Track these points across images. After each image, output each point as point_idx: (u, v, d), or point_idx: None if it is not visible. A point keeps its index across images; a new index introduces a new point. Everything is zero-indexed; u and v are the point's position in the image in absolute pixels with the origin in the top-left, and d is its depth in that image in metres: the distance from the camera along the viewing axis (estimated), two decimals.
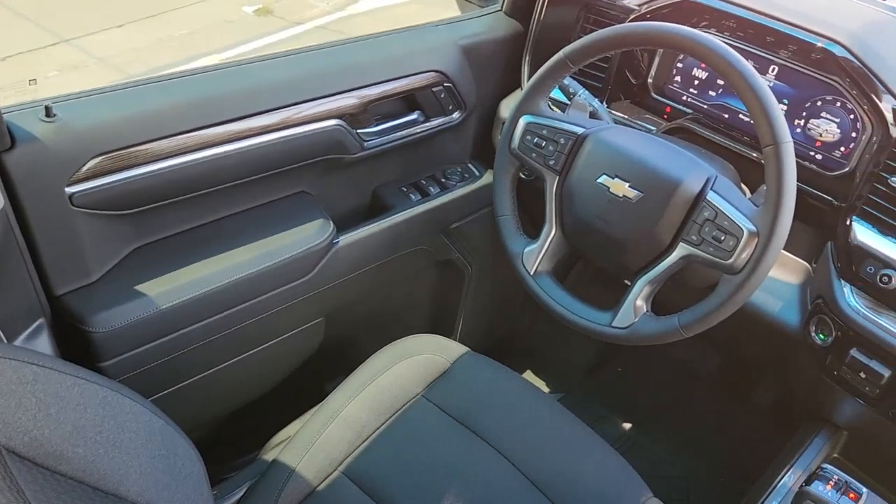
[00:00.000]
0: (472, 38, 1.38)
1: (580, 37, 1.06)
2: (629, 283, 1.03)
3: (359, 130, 1.26)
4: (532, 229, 1.13)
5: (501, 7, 1.45)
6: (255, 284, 1.16)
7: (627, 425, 1.78)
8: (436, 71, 1.31)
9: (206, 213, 1.17)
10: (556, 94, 1.28)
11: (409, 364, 1.23)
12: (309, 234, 1.21)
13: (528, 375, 1.88)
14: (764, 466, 1.23)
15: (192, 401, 1.21)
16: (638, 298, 1.00)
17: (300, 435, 1.12)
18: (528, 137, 1.09)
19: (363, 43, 1.29)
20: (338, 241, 1.26)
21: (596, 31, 1.04)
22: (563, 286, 1.09)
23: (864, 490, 0.86)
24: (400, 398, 1.17)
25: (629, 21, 1.25)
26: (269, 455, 1.13)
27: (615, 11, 1.29)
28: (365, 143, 1.27)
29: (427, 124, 1.36)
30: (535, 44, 1.39)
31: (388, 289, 1.48)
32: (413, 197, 1.39)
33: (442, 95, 1.34)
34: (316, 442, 1.10)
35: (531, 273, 1.10)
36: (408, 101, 1.33)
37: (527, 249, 1.11)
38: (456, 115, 1.39)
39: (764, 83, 0.90)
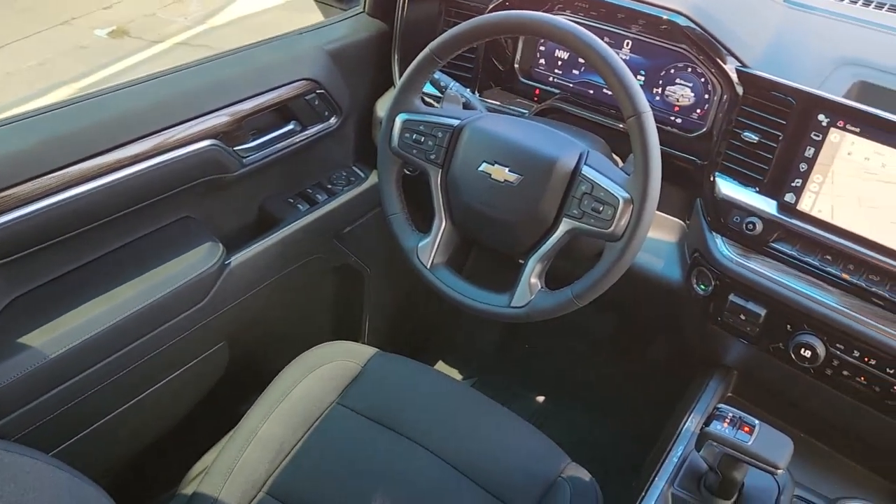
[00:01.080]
0: (338, 42, 1.38)
1: (444, 31, 1.08)
2: (523, 263, 1.06)
3: (236, 147, 1.23)
4: (424, 224, 1.15)
5: (363, 8, 1.45)
6: (148, 318, 1.12)
7: (541, 398, 1.85)
8: (306, 79, 1.31)
9: (86, 251, 1.12)
10: (429, 88, 1.30)
11: (320, 373, 1.22)
12: (198, 260, 1.19)
13: (441, 366, 1.91)
14: (670, 415, 1.31)
15: (100, 446, 1.16)
16: (532, 276, 1.04)
17: (218, 462, 1.10)
18: (407, 135, 1.10)
19: (229, 58, 1.26)
20: (229, 262, 1.23)
21: (458, 23, 1.07)
22: (460, 275, 1.12)
23: (757, 422, 0.93)
24: (315, 409, 1.17)
25: (489, 10, 1.29)
26: (188, 488, 1.10)
27: (475, 2, 1.33)
28: (244, 160, 1.25)
29: (305, 133, 1.35)
30: (402, 41, 1.41)
31: (288, 302, 1.46)
32: (301, 207, 1.39)
33: (316, 103, 1.34)
34: (235, 467, 1.08)
35: (427, 266, 1.11)
36: (282, 112, 1.32)
37: (420, 244, 1.12)
38: (333, 120, 1.39)
39: (618, 59, 0.95)
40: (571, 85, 1.34)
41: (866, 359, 1.01)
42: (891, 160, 0.97)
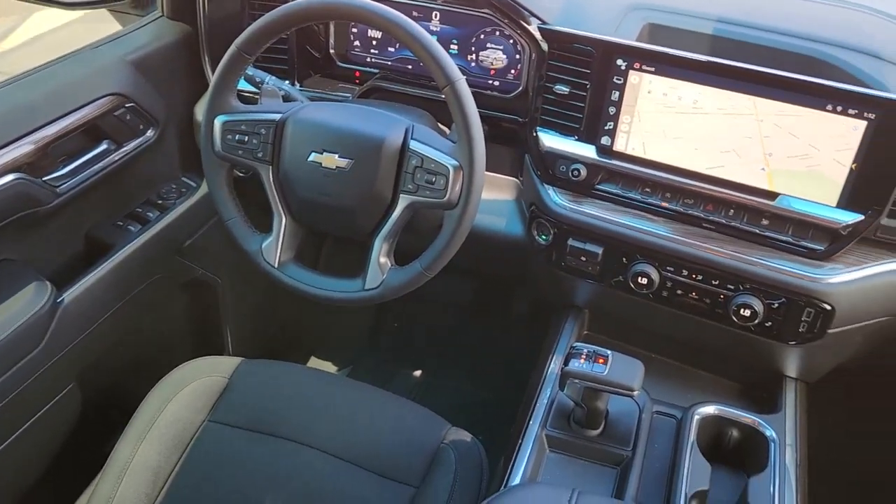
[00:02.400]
0: (141, 51, 1.31)
1: (250, 25, 1.06)
2: (369, 245, 1.07)
3: (45, 177, 1.14)
4: (267, 222, 1.13)
5: (162, 11, 1.38)
6: None
7: (418, 373, 1.88)
8: (112, 94, 1.23)
9: None
10: (246, 85, 1.28)
11: (185, 394, 1.18)
12: (24, 303, 1.10)
13: (314, 362, 1.89)
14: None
15: None
16: (380, 256, 1.05)
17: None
18: (229, 137, 1.08)
19: (22, 81, 1.17)
20: (62, 300, 1.15)
21: (263, 15, 1.05)
22: (310, 268, 1.11)
23: (609, 352, 1.00)
24: (187, 431, 1.13)
25: None
26: None
27: None
28: (58, 189, 1.16)
29: (121, 151, 1.27)
30: (209, 41, 1.36)
31: (139, 327, 1.40)
32: (132, 228, 1.31)
33: (127, 117, 1.26)
34: None
35: (275, 265, 1.10)
36: (92, 132, 1.23)
37: (264, 245, 1.10)
38: (150, 132, 1.32)
39: (423, 32, 0.97)
40: (389, 63, 1.35)
41: (694, 276, 1.11)
42: (685, 93, 1.06)
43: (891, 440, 1.57)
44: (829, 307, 1.04)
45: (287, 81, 1.29)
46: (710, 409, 1.10)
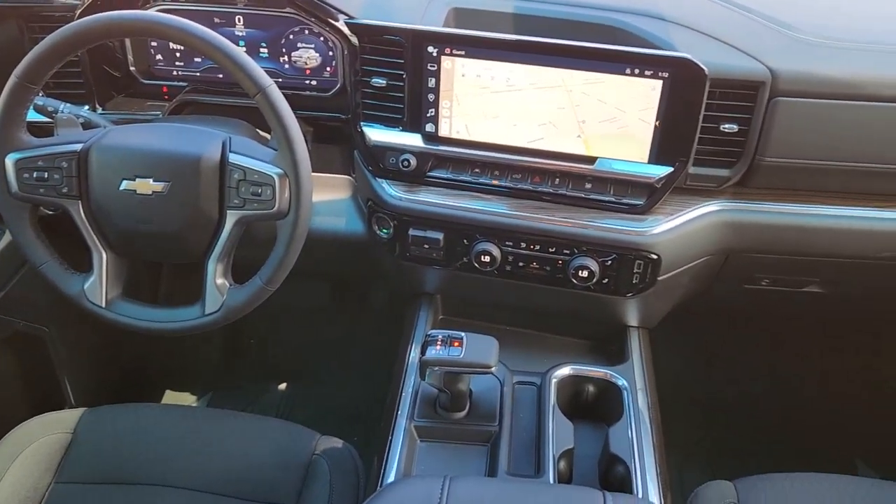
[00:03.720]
0: None
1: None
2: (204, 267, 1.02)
3: None
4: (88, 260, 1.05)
5: None
6: None
7: (282, 386, 1.83)
8: None
9: None
10: (39, 116, 1.17)
11: (25, 458, 1.09)
12: None
13: (170, 397, 1.79)
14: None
15: None
16: (217, 278, 1.01)
17: None
18: (26, 175, 0.98)
19: None
20: None
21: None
22: (142, 302, 1.05)
23: (463, 334, 1.02)
24: (31, 499, 1.04)
25: (78, 17, 1.18)
26: None
27: (59, 12, 1.20)
28: None
29: None
30: None
31: None
32: None
33: None
34: None
35: (102, 305, 1.03)
36: None
37: (87, 285, 1.03)
38: None
39: (223, 40, 0.93)
40: (198, 74, 1.29)
41: (532, 246, 1.15)
42: (497, 72, 1.08)
43: (733, 370, 1.72)
44: (655, 256, 1.12)
45: (86, 107, 1.20)
46: (565, 370, 1.15)
